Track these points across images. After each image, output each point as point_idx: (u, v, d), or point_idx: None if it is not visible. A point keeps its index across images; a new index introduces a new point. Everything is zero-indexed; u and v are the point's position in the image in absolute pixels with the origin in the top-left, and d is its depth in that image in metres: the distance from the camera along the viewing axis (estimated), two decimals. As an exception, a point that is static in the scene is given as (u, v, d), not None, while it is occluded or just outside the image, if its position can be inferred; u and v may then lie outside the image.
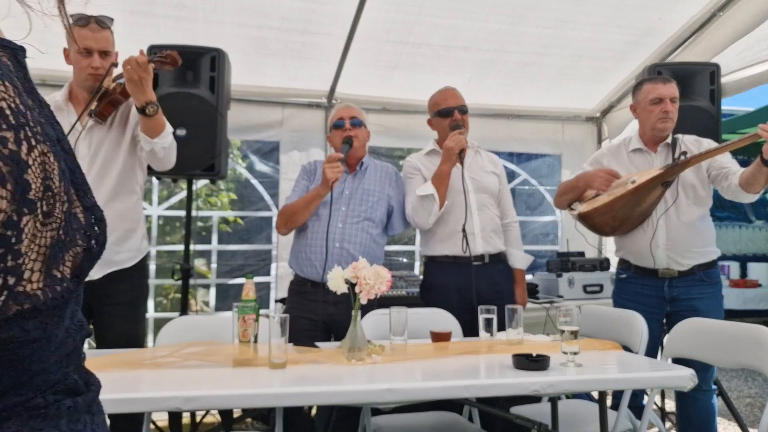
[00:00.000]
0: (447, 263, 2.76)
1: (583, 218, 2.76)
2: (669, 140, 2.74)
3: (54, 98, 2.34)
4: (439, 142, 2.89)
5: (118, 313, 2.35)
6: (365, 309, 2.29)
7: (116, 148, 2.36)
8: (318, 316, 2.55)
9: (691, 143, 2.71)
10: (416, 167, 2.86)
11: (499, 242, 2.85)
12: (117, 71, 2.30)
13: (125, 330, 2.36)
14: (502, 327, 2.22)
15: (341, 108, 2.83)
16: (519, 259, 2.92)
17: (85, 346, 2.30)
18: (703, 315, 2.35)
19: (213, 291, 4.06)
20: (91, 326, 2.40)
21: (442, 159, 2.69)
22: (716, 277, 2.72)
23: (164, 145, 2.26)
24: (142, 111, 2.15)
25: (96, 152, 2.32)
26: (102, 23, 2.27)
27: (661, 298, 2.68)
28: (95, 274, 2.29)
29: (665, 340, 2.39)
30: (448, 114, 2.81)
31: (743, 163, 2.53)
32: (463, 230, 2.70)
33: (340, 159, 2.52)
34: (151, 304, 3.88)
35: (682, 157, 2.55)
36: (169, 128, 2.29)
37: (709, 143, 2.69)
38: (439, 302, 2.68)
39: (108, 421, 2.39)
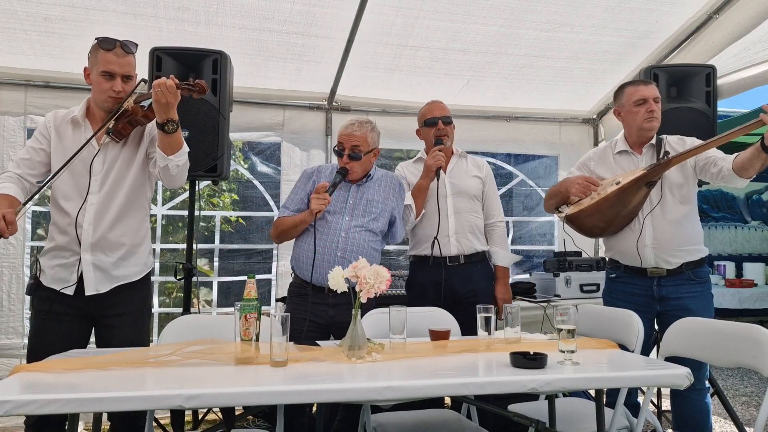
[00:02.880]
0: (426, 263, 2.95)
1: (570, 220, 2.82)
2: (654, 141, 2.77)
3: (72, 113, 2.37)
4: (426, 150, 3.10)
5: (121, 324, 2.36)
6: (364, 308, 2.32)
7: (129, 165, 2.38)
8: (319, 318, 2.59)
9: (675, 143, 2.75)
10: (402, 176, 3.06)
11: (476, 243, 3.00)
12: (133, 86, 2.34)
13: (128, 341, 2.33)
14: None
15: (344, 133, 2.71)
16: (501, 257, 3.07)
17: (88, 348, 2.30)
18: (693, 314, 2.36)
19: (215, 289, 4.11)
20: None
21: (422, 174, 2.92)
22: (705, 276, 2.74)
23: (179, 163, 2.29)
24: (161, 127, 2.19)
25: (109, 169, 2.34)
26: (127, 48, 2.29)
27: (651, 297, 2.71)
28: (102, 288, 2.31)
29: (662, 339, 2.41)
30: (432, 124, 3.00)
31: None
32: (436, 235, 2.89)
33: (327, 189, 2.55)
34: (155, 301, 3.92)
35: (665, 158, 2.59)
36: (185, 147, 2.32)
37: (692, 141, 2.72)
38: (418, 299, 2.86)
39: (111, 419, 2.42)
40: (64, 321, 2.30)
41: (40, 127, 2.38)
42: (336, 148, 2.74)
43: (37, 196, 3.28)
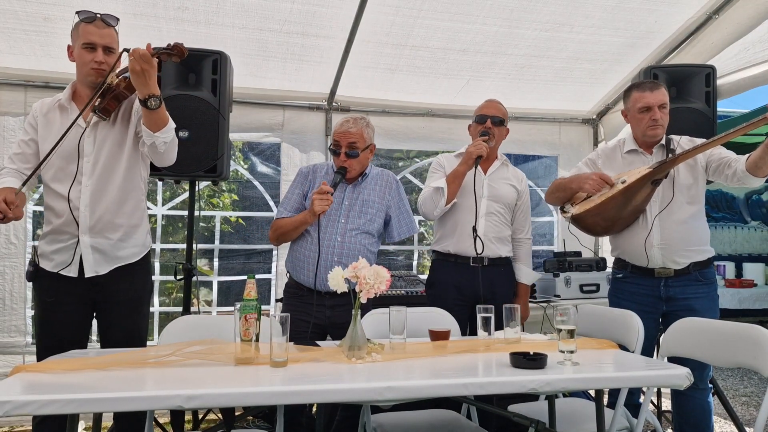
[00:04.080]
0: (449, 262, 2.94)
1: (576, 220, 2.80)
2: (663, 141, 2.77)
3: (57, 98, 2.38)
4: None
5: (122, 308, 2.38)
6: (364, 308, 2.32)
7: (120, 144, 2.38)
8: (315, 319, 2.58)
9: (686, 143, 2.73)
10: (442, 164, 3.04)
11: (502, 248, 2.98)
12: (121, 65, 2.32)
13: (129, 325, 2.38)
14: (498, 327, 2.25)
15: (339, 131, 2.66)
16: (525, 274, 3.06)
17: (88, 349, 2.31)
18: (699, 314, 2.37)
19: (215, 289, 4.12)
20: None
21: (461, 160, 2.88)
22: (711, 277, 2.73)
23: (165, 140, 2.27)
24: (144, 103, 2.16)
25: (100, 149, 2.34)
26: (107, 21, 2.31)
27: (657, 297, 2.70)
28: (101, 269, 2.32)
29: (662, 339, 2.41)
30: (482, 121, 2.98)
31: None
32: (474, 229, 2.84)
33: (330, 192, 2.51)
34: (155, 300, 3.93)
35: (670, 156, 2.58)
36: (171, 124, 2.30)
37: (702, 142, 2.71)
38: (440, 298, 2.84)
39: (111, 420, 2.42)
40: (66, 309, 2.31)
41: (28, 119, 2.38)
42: (332, 147, 2.69)
43: (36, 195, 3.26)
